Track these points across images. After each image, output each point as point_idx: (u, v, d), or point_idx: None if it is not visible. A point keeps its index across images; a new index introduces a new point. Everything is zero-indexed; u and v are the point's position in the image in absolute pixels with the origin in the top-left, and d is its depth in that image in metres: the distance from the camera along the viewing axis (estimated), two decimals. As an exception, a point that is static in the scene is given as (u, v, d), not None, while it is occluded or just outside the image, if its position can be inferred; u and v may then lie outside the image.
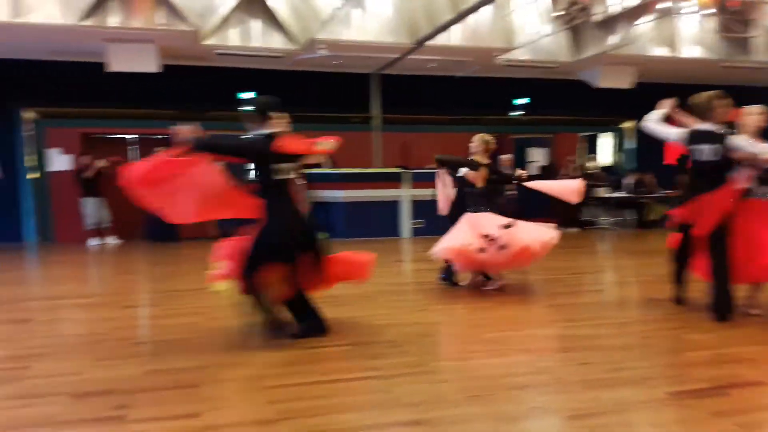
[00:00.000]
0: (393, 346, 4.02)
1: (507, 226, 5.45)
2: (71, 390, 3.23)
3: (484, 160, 5.87)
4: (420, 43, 10.18)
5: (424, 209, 11.52)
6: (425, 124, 13.43)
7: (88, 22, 8.87)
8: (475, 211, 5.73)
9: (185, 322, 4.84)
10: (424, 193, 11.44)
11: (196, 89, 11.71)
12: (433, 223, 11.41)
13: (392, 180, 11.35)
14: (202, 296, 5.96)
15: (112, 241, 10.97)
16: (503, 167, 11.82)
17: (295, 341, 4.07)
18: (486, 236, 5.40)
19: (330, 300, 5.57)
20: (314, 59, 10.79)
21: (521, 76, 12.89)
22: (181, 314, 5.15)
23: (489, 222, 5.56)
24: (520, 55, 11.36)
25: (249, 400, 3.15)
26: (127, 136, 12.29)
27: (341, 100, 12.54)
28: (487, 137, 5.99)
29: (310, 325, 4.27)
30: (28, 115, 11.42)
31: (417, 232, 11.44)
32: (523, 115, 14.06)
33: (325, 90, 12.36)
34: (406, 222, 11.47)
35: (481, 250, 5.39)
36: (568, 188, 6.03)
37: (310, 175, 11.30)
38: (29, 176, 11.37)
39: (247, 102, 4.39)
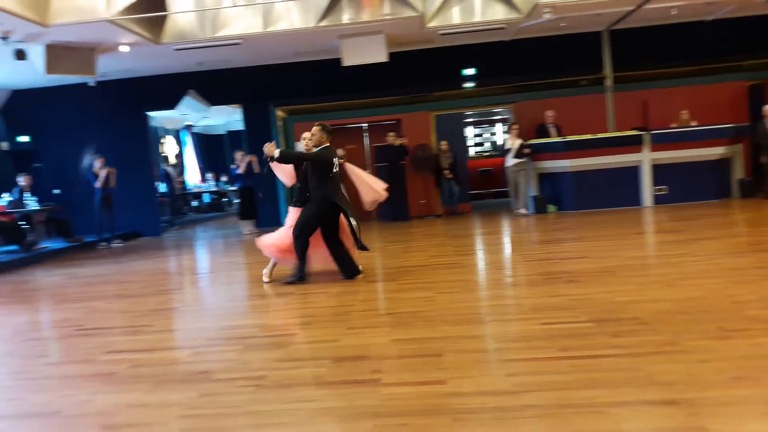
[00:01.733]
0: (639, 324, 3.77)
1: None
2: (331, 354, 3.61)
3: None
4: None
5: (667, 174, 10.52)
6: (667, 79, 12.16)
7: (325, 23, 9.70)
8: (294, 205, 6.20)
9: (421, 295, 5.09)
10: (667, 156, 10.46)
11: (420, 72, 12.11)
12: (676, 188, 10.44)
13: (630, 144, 10.53)
14: (432, 271, 6.22)
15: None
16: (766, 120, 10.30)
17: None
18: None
19: (566, 275, 5.43)
20: (538, 25, 10.42)
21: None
22: (416, 288, 5.43)
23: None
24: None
25: (489, 371, 3.22)
26: (362, 125, 13.22)
27: (568, 63, 11.93)
28: (316, 127, 6.20)
29: None
30: (279, 113, 12.92)
31: (660, 200, 10.51)
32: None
33: (550, 55, 11.85)
34: (648, 189, 10.59)
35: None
36: (372, 186, 6.27)
37: (535, 146, 11.15)
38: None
39: None
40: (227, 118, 18.25)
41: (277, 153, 5.84)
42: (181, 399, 3.09)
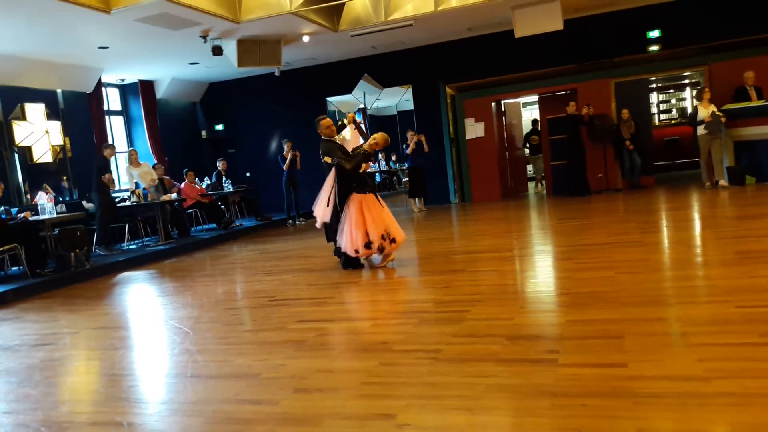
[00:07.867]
0: None
1: None
2: (506, 332, 3.62)
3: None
4: None
5: None
6: None
7: (497, -6, 9.50)
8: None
9: (600, 275, 4.88)
10: None
11: (599, 38, 11.42)
12: None
13: None
14: (612, 250, 5.92)
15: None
16: None
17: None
18: None
19: (756, 257, 4.90)
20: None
21: None
22: (595, 268, 5.21)
23: None
24: None
25: (676, 355, 3.02)
26: (533, 97, 12.86)
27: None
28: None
29: None
30: (448, 90, 12.97)
31: None
32: None
33: (750, 7, 10.51)
34: None
35: None
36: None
37: (732, 111, 10.03)
38: (450, 146, 12.96)
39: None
40: (397, 98, 18.73)
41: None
42: (363, 366, 3.30)
